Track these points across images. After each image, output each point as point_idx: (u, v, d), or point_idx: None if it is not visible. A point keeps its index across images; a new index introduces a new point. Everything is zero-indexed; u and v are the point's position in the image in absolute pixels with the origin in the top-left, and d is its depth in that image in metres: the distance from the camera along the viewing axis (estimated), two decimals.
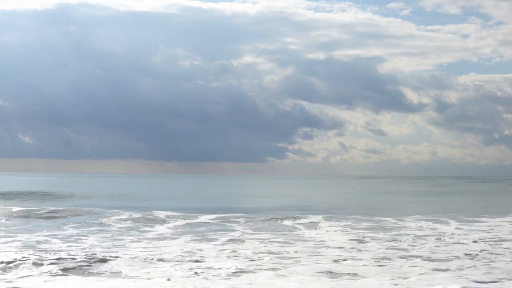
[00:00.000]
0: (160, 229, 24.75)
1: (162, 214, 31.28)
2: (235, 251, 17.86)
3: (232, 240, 20.77)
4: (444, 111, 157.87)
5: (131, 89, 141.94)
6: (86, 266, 14.95)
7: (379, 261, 16.33)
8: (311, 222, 27.93)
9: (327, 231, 24.44)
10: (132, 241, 20.25)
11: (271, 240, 20.90)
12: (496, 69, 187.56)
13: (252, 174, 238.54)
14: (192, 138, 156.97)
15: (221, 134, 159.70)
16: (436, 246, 19.91)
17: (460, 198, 57.18)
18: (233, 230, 24.34)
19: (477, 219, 30.43)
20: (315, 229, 25.05)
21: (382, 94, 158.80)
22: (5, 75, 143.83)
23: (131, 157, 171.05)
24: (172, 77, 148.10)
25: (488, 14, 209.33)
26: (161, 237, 21.73)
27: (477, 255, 17.75)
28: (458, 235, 23.24)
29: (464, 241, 21.20)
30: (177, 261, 15.94)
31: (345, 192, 72.93)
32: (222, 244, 19.56)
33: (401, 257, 17.06)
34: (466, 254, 17.92)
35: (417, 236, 22.69)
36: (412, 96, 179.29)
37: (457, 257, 17.50)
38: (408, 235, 22.92)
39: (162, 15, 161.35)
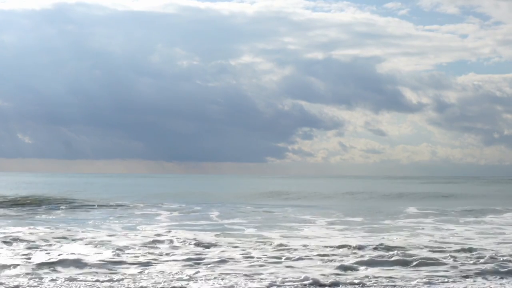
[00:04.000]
0: None
1: None
2: None
3: None
4: (443, 111, 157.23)
5: (129, 89, 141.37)
6: None
7: None
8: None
9: None
10: None
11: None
12: (495, 69, 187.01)
13: (252, 174, 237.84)
14: (191, 138, 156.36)
15: (220, 134, 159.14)
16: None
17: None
18: None
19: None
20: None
21: (381, 94, 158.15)
22: (3, 75, 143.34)
23: (131, 157, 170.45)
24: (170, 77, 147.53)
25: (486, 13, 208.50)
26: None
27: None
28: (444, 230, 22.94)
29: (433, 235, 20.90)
30: None
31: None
32: None
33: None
34: (426, 246, 17.68)
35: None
36: (411, 96, 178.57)
37: (419, 248, 17.27)
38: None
39: (160, 15, 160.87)
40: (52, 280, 12.61)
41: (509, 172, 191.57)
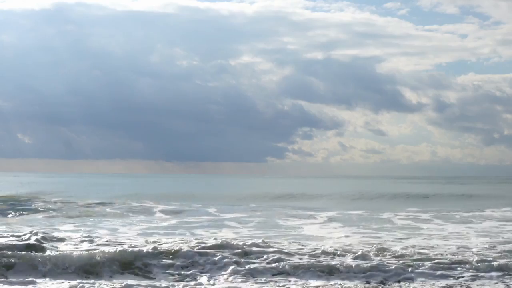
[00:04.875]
0: None
1: None
2: None
3: None
4: (443, 111, 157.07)
5: (129, 89, 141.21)
6: None
7: None
8: None
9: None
10: None
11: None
12: (494, 69, 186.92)
13: (252, 174, 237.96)
14: (191, 138, 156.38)
15: (220, 134, 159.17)
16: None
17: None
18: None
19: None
20: None
21: (381, 94, 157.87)
22: (3, 75, 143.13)
23: (131, 157, 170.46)
24: (170, 77, 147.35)
25: (485, 13, 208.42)
26: None
27: None
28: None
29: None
30: None
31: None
32: None
33: None
34: (425, 246, 17.57)
35: None
36: (411, 96, 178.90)
37: (418, 248, 17.17)
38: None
39: (159, 15, 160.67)
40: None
41: (509, 172, 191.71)
